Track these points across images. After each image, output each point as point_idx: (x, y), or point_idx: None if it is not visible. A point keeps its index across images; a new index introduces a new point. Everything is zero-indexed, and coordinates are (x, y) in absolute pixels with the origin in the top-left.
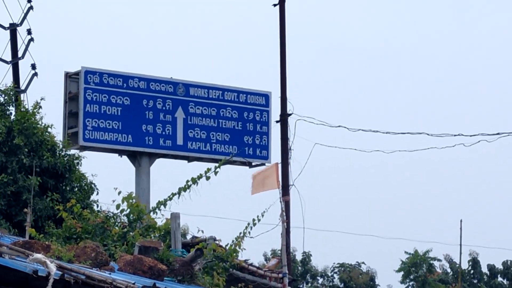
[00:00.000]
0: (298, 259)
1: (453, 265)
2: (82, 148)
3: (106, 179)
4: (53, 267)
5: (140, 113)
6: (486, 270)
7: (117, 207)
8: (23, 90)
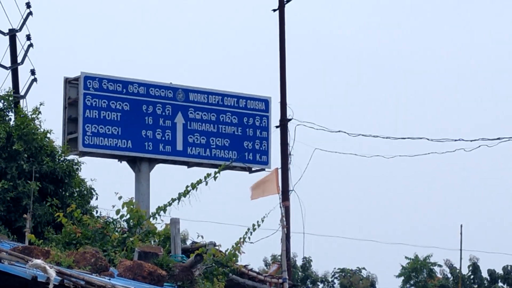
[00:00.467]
0: (299, 265)
1: (454, 270)
2: (82, 154)
3: (106, 185)
4: (53, 273)
5: (140, 119)
6: (487, 275)
7: (117, 213)
8: (23, 96)
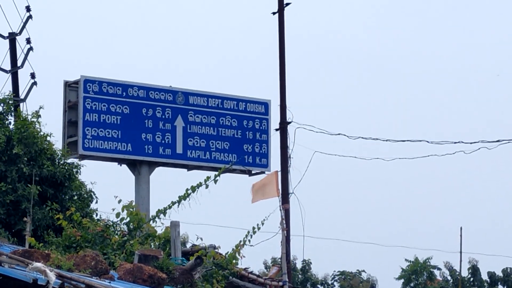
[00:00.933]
0: (298, 267)
1: (453, 273)
2: (82, 157)
3: (106, 188)
4: (53, 276)
5: (140, 122)
6: (486, 278)
7: (117, 216)
8: (23, 99)
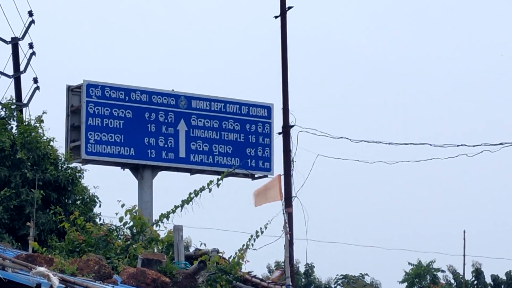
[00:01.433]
0: (302, 271)
1: (457, 276)
2: (85, 161)
3: (109, 192)
4: (56, 281)
5: (142, 126)
6: (490, 281)
7: (120, 220)
8: (25, 104)
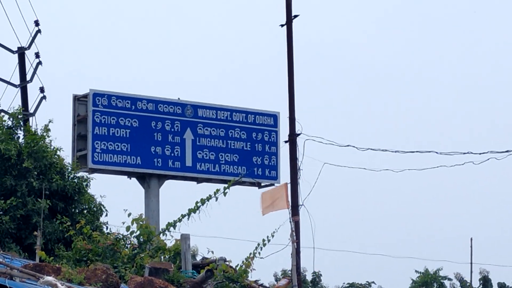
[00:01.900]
0: (308, 279)
1: (464, 284)
2: (91, 171)
3: (115, 201)
4: None
5: (149, 135)
6: None
7: (127, 229)
8: (32, 114)
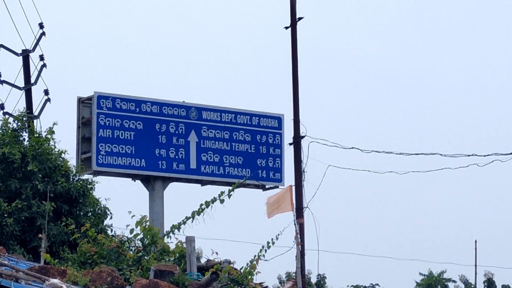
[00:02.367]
0: (313, 282)
1: (468, 286)
2: (96, 173)
3: (120, 204)
4: None
5: (153, 137)
6: None
7: (131, 232)
8: (36, 116)
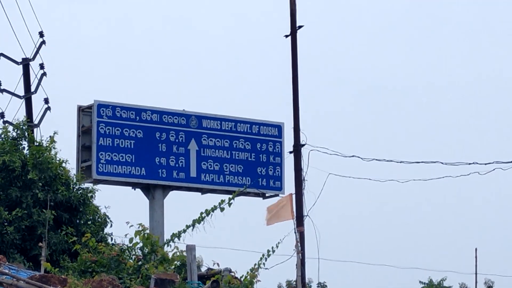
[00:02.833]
0: None
1: None
2: (96, 182)
3: (120, 212)
4: None
5: (153, 146)
6: None
7: (130, 241)
8: (36, 125)
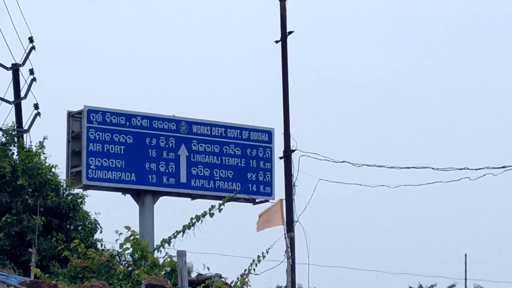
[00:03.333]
0: None
1: None
2: (86, 187)
3: (110, 217)
4: None
5: (143, 151)
6: None
7: (120, 246)
8: (26, 130)
